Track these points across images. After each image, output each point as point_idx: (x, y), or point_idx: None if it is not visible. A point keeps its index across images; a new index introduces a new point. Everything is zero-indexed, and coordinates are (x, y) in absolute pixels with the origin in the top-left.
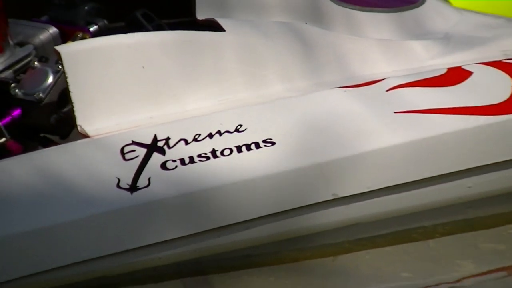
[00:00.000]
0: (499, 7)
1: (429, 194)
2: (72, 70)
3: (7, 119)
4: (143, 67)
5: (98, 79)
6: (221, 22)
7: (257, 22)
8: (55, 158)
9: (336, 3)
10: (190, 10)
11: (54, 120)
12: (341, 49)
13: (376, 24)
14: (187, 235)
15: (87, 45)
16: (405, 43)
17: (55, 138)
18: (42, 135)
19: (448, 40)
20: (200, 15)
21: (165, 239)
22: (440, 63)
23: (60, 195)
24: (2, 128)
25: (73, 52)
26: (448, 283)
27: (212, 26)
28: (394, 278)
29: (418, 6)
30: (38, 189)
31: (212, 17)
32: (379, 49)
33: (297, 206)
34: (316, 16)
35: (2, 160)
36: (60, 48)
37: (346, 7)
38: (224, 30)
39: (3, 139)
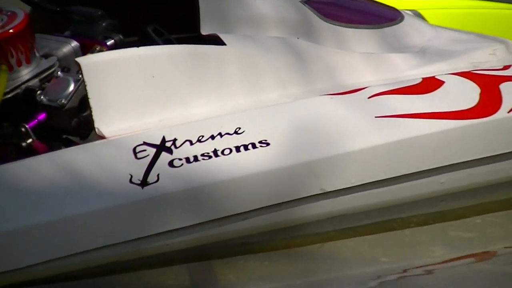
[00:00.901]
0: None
1: (406, 188)
2: (90, 79)
3: (33, 122)
4: (153, 76)
5: (114, 87)
6: (223, 37)
7: (254, 37)
8: (76, 157)
9: (325, 21)
10: (196, 26)
11: (75, 123)
12: (329, 61)
13: (360, 39)
14: (191, 225)
15: (104, 57)
16: (386, 55)
17: (75, 139)
18: (64, 136)
19: (424, 53)
20: (204, 31)
21: (172, 228)
22: (416, 74)
23: (79, 189)
24: (29, 130)
25: (91, 63)
26: (422, 267)
27: (215, 40)
28: (374, 262)
29: (397, 23)
30: (60, 184)
31: (215, 32)
32: (363, 61)
33: (289, 199)
34: (308, 32)
35: (29, 158)
36: (80, 59)
37: (333, 24)
38: (225, 44)
39: (30, 140)
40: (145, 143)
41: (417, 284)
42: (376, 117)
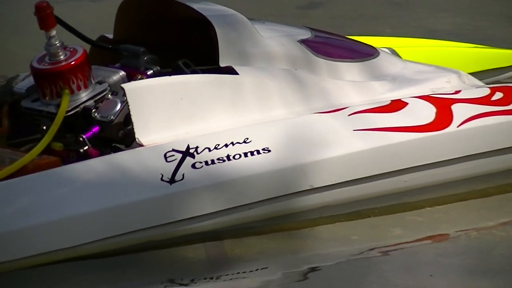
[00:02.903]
0: (433, 57)
1: (376, 185)
2: (133, 100)
3: (89, 134)
4: (181, 98)
5: (151, 106)
6: (236, 68)
7: (262, 68)
8: (121, 160)
9: (317, 56)
10: (216, 60)
11: (121, 134)
12: (322, 87)
13: (346, 70)
14: (208, 213)
15: (143, 83)
16: (366, 83)
17: (121, 146)
18: (113, 144)
19: (395, 81)
20: (222, 64)
21: (193, 216)
22: (388, 97)
23: (123, 185)
24: (86, 139)
25: (134, 88)
26: (387, 246)
27: (230, 71)
28: (348, 240)
29: (375, 58)
30: (108, 181)
31: (231, 65)
32: (349, 87)
33: (285, 193)
34: (304, 64)
35: (85, 161)
36: (125, 85)
37: (324, 59)
38: (238, 74)
39: (86, 147)
40: (173, 150)
41: (383, 259)
42: (354, 130)
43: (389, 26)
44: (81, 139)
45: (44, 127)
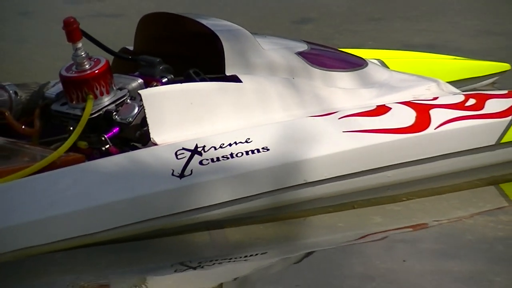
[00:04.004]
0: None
1: (363, 180)
2: (148, 105)
3: (110, 134)
4: (191, 103)
5: (164, 110)
6: (240, 76)
7: (263, 76)
8: (138, 157)
9: (312, 66)
10: (222, 69)
11: (138, 135)
12: (317, 93)
13: (338, 78)
14: (213, 204)
15: (158, 90)
16: (356, 90)
17: (138, 145)
18: (131, 143)
19: (381, 88)
20: (228, 72)
21: (200, 207)
22: (374, 102)
23: (139, 178)
24: (107, 139)
25: (150, 94)
26: (371, 234)
27: (235, 79)
28: (335, 227)
29: (363, 68)
30: (126, 175)
31: (235, 74)
32: (340, 93)
33: (281, 187)
34: (301, 74)
35: (107, 157)
36: (142, 91)
37: (320, 69)
38: (241, 82)
39: (108, 146)
40: (183, 148)
41: (365, 244)
42: (343, 131)
43: (371, 39)
44: (103, 138)
45: (71, 128)
